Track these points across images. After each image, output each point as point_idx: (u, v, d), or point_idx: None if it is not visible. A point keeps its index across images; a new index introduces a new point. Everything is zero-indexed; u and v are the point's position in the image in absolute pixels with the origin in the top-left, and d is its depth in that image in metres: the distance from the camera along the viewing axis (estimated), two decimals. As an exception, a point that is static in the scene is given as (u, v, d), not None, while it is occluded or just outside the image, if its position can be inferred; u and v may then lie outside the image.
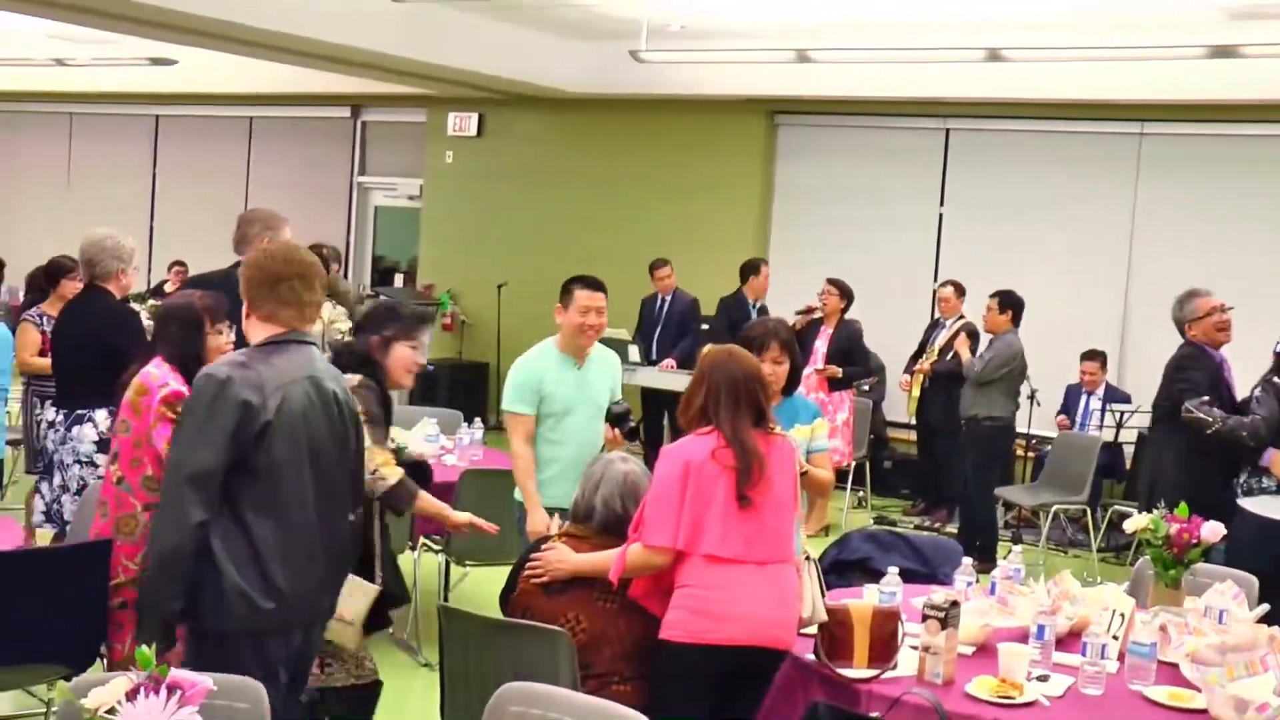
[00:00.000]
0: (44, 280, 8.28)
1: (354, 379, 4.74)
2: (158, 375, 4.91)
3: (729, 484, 4.22)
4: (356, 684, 4.83)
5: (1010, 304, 9.55)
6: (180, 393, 4.91)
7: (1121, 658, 4.29)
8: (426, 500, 5.05)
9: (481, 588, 6.75)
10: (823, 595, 4.35)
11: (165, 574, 3.70)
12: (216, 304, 5.18)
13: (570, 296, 5.85)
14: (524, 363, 5.91)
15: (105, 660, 5.00)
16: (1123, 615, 4.49)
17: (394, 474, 4.85)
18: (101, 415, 6.33)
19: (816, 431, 5.45)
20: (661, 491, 4.26)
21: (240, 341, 4.44)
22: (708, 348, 4.68)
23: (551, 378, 5.82)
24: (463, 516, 5.20)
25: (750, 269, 11.42)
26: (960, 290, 10.69)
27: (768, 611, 4.20)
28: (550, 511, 5.48)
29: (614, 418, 5.87)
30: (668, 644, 4.19)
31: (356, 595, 4.60)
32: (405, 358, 5.08)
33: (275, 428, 3.71)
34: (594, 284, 5.86)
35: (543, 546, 4.55)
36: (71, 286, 7.90)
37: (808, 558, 4.42)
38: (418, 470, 5.26)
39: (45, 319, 7.89)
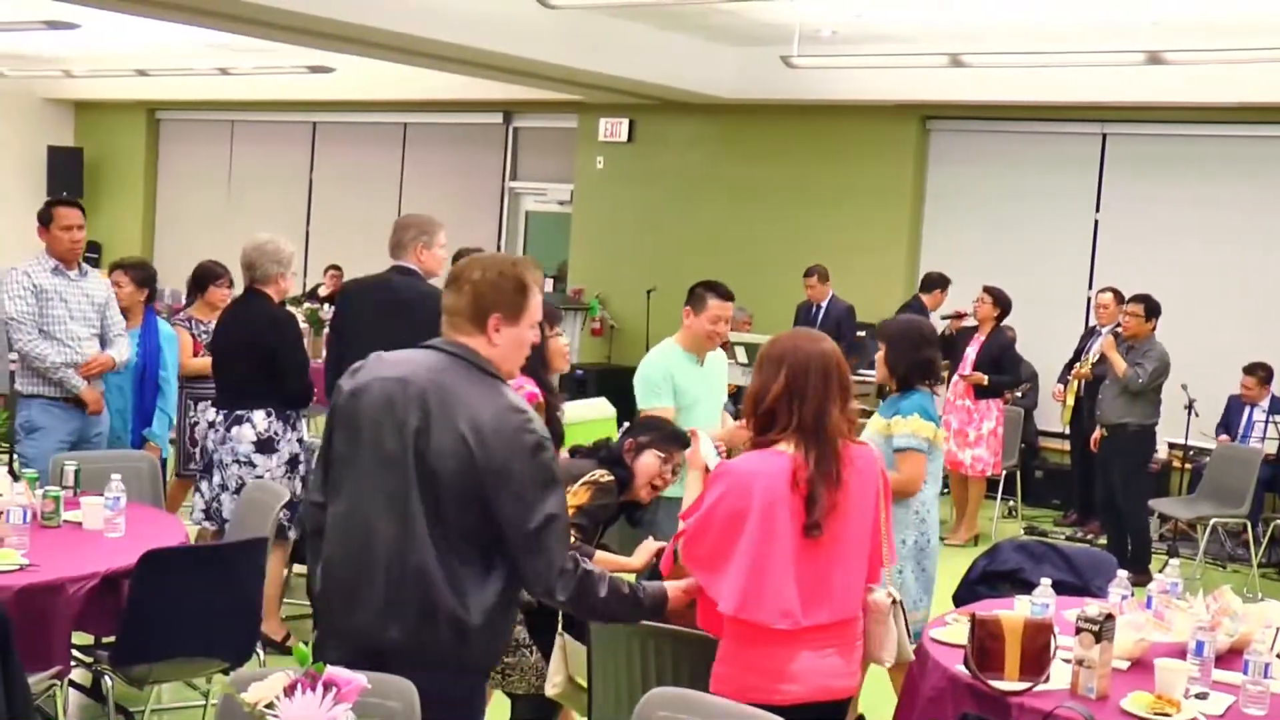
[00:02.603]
0: (192, 285, 8.35)
1: (601, 474, 4.81)
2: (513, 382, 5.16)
3: (796, 515, 3.65)
4: (538, 693, 4.70)
5: (1155, 311, 9.37)
6: (534, 395, 5.18)
7: (1285, 677, 4.17)
8: (598, 560, 4.56)
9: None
10: (910, 639, 3.95)
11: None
12: (551, 309, 5.46)
13: (704, 304, 6.08)
14: (653, 360, 6.20)
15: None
16: (1287, 633, 4.36)
17: None
18: (259, 416, 6.47)
19: (895, 428, 5.39)
20: (712, 524, 3.72)
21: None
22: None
23: (679, 372, 6.10)
24: (641, 558, 4.64)
25: (938, 282, 11.37)
26: (1120, 297, 10.48)
27: (829, 664, 3.75)
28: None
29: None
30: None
31: (580, 658, 4.56)
32: (651, 467, 4.92)
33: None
34: (727, 294, 6.13)
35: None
36: (219, 294, 8.06)
37: (894, 600, 3.92)
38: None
39: (194, 323, 8.01)
